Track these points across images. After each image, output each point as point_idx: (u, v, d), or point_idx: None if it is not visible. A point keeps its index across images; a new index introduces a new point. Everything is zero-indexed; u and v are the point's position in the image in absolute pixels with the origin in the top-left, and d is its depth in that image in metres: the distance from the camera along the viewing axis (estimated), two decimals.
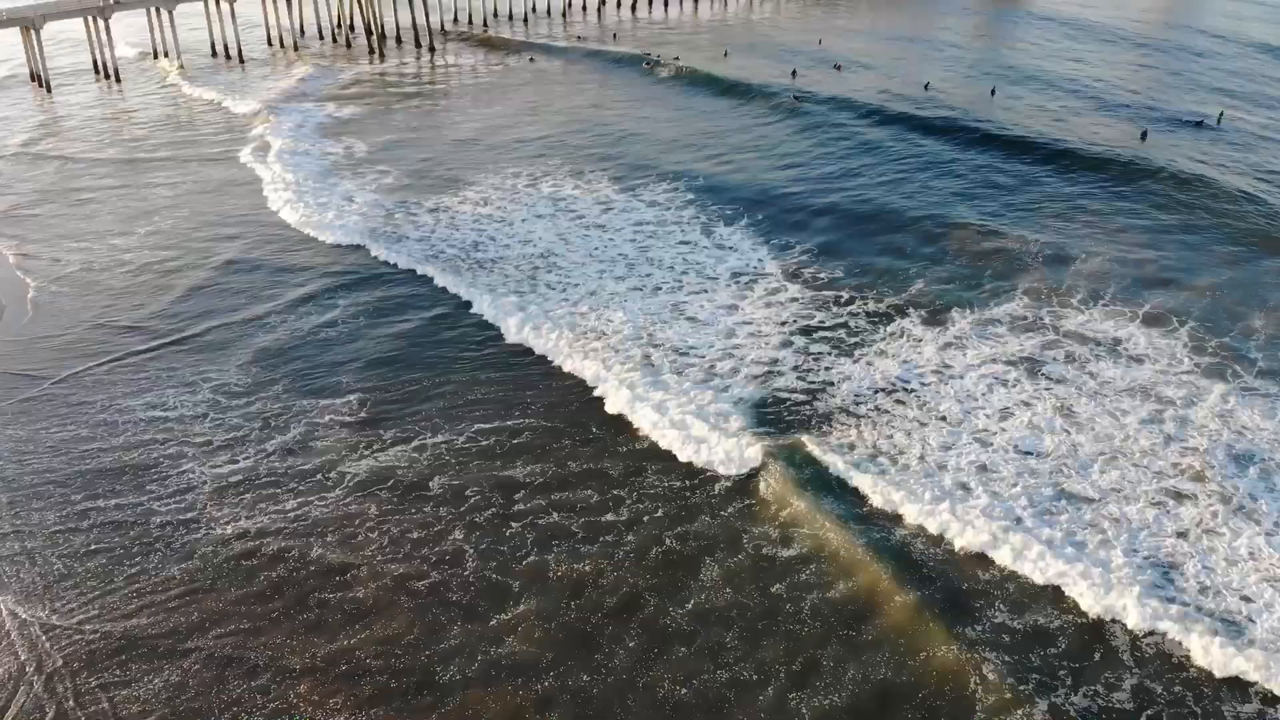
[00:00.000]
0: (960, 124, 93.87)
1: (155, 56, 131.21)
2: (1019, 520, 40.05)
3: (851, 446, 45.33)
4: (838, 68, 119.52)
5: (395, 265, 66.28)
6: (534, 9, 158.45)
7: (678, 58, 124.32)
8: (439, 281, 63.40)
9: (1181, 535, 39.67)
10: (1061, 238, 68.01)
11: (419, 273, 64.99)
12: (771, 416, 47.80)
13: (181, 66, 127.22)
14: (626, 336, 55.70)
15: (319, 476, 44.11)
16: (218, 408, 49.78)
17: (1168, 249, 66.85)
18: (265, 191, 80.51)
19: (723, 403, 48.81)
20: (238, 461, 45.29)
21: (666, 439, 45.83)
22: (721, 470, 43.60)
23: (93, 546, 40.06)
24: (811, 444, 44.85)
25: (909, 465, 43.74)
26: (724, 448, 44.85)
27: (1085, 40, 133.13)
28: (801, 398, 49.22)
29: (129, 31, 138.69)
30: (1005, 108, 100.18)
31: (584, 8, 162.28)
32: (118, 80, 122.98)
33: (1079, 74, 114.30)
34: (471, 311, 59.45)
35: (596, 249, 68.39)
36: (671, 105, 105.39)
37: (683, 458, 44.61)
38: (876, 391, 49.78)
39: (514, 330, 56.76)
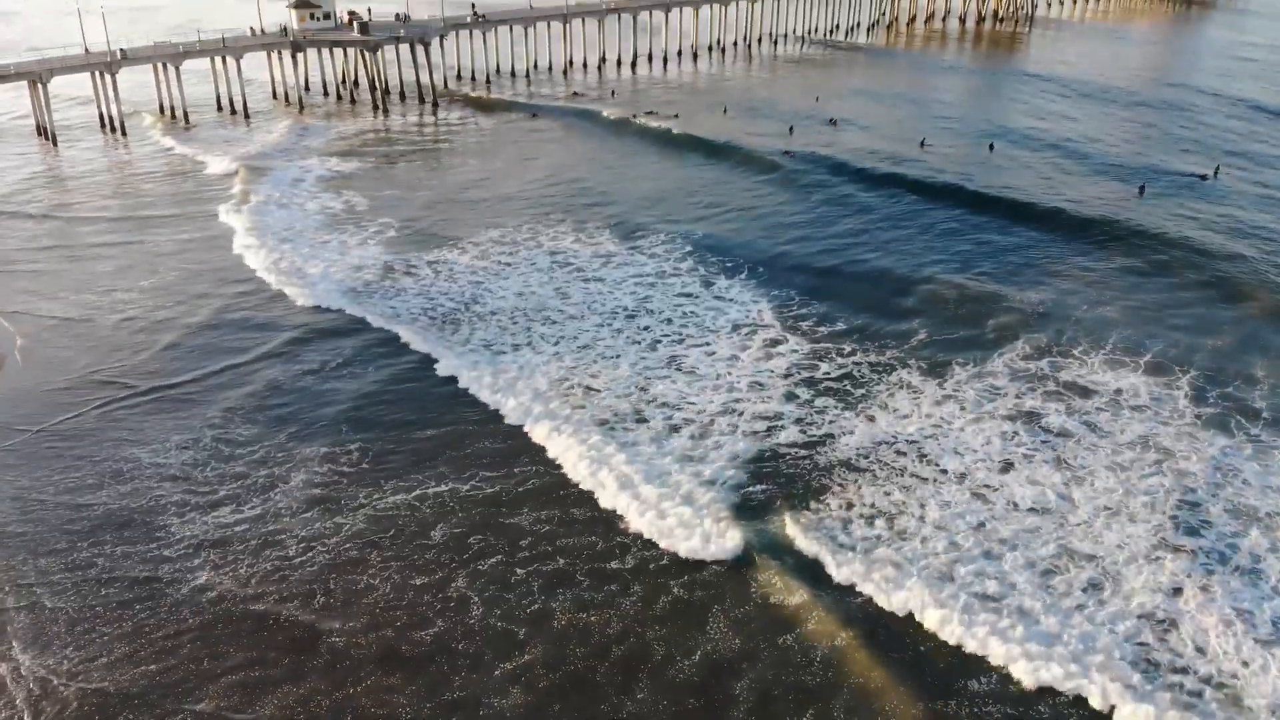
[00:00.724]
0: (956, 184, 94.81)
1: (161, 111, 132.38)
2: (1014, 586, 39.51)
3: (849, 505, 44.99)
4: (833, 123, 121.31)
5: (394, 319, 66.31)
6: (535, 66, 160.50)
7: (677, 115, 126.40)
8: (429, 340, 62.93)
9: (1177, 592, 39.38)
10: (1061, 294, 68.69)
11: (415, 328, 64.86)
12: (769, 470, 47.73)
13: (187, 122, 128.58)
14: (619, 394, 55.48)
15: (320, 525, 44.14)
16: (220, 456, 49.90)
17: (1168, 304, 67.58)
18: (261, 246, 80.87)
19: (712, 467, 47.89)
20: (242, 511, 45.32)
21: (652, 532, 43.34)
22: (711, 562, 41.54)
23: (100, 594, 39.97)
24: (799, 533, 42.90)
25: (906, 528, 43.29)
26: (712, 541, 42.38)
27: (1079, 98, 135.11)
28: (802, 452, 49.18)
29: (136, 87, 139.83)
30: (1002, 165, 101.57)
31: (584, 66, 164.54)
32: (123, 134, 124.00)
33: (1075, 131, 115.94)
34: (462, 373, 58.93)
35: (595, 301, 68.72)
36: (670, 163, 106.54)
37: (666, 546, 42.49)
38: (878, 444, 49.89)
39: (497, 401, 55.30)
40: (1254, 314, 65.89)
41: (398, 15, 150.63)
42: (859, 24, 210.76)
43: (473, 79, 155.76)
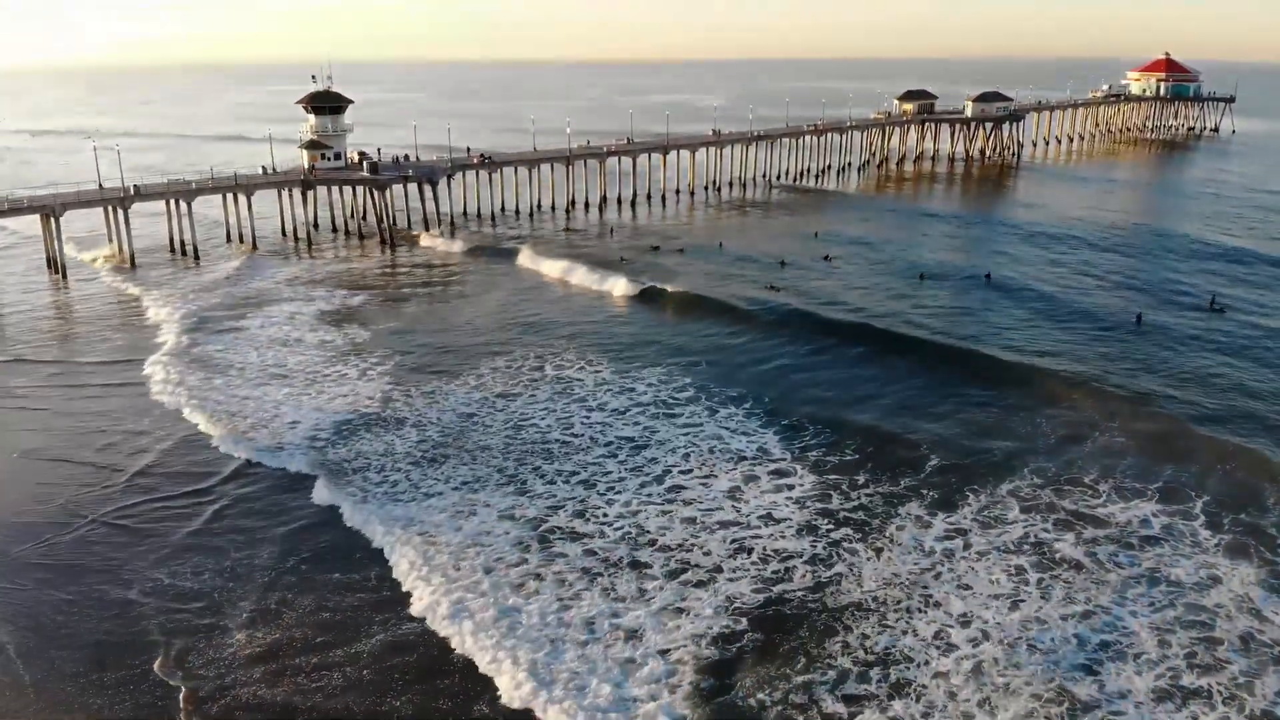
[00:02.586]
0: (958, 321, 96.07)
1: (171, 246, 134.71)
2: None
3: (846, 647, 43.99)
4: (828, 258, 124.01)
5: (384, 455, 65.59)
6: (538, 206, 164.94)
7: (682, 250, 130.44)
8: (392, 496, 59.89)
9: None
10: (1068, 425, 68.97)
11: (405, 465, 64.03)
12: (771, 617, 46.73)
13: (197, 257, 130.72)
14: (614, 540, 53.75)
15: (340, 651, 43.89)
16: (234, 576, 49.96)
17: (1174, 431, 67.64)
18: (255, 381, 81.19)
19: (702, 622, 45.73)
20: (260, 636, 45.01)
21: None
22: None
23: None
24: None
25: (906, 679, 41.67)
26: None
27: (1067, 241, 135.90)
28: (812, 597, 48.13)
29: (147, 222, 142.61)
30: (999, 299, 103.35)
31: (585, 205, 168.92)
32: (132, 267, 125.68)
33: (1067, 270, 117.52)
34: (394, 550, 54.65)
35: (597, 434, 68.55)
36: (670, 302, 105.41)
37: None
38: (884, 584, 49.02)
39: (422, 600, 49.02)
40: (1261, 441, 66.14)
41: (406, 156, 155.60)
42: (850, 164, 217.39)
43: (478, 216, 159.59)
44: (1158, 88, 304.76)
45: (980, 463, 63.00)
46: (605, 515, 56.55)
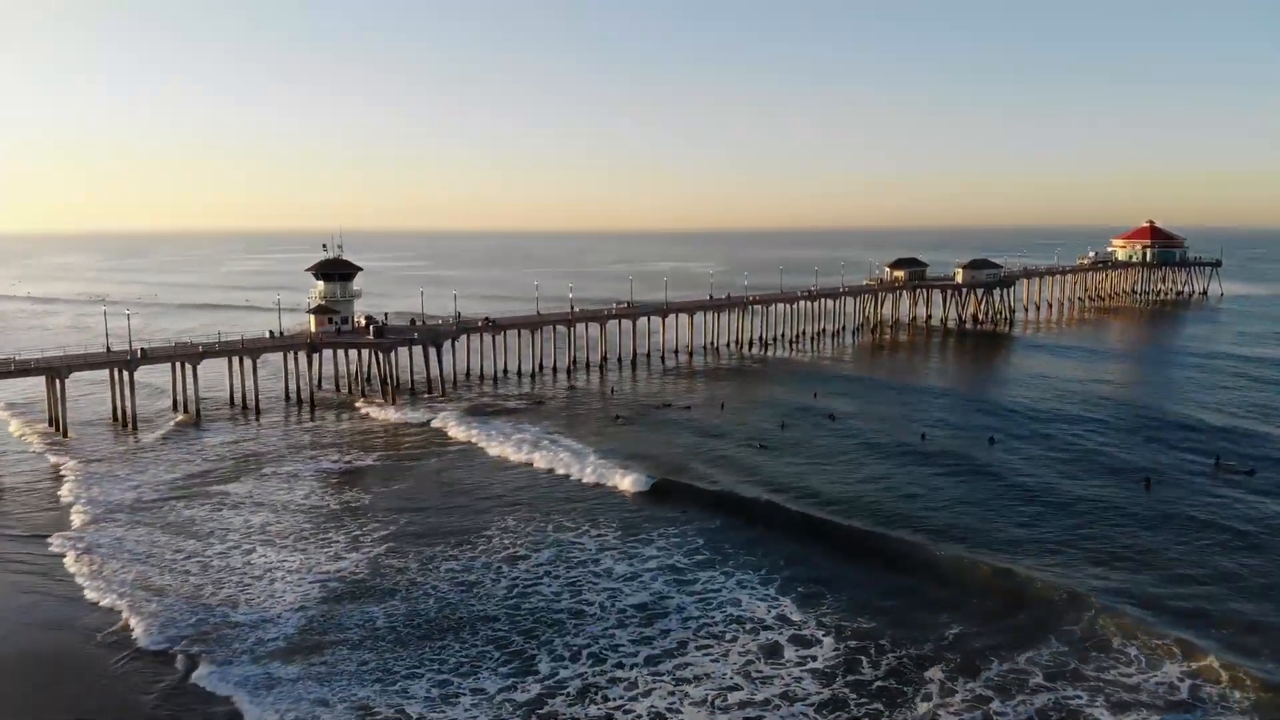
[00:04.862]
0: (967, 529, 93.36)
1: (174, 406, 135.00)
2: None
3: None
4: (831, 418, 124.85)
5: (369, 623, 64.29)
6: (540, 368, 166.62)
7: (689, 406, 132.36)
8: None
9: None
10: (1088, 582, 67.73)
11: (386, 641, 61.99)
12: None
13: (199, 418, 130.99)
14: None
15: None
16: None
17: (1190, 580, 67.58)
18: (243, 544, 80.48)
19: None
20: None
21: None
22: None
23: None
24: None
25: None
26: None
27: (1066, 419, 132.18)
28: None
29: (150, 388, 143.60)
30: (1006, 460, 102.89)
31: (585, 366, 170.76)
32: (135, 430, 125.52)
33: (1072, 443, 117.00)
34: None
35: (607, 602, 66.88)
36: (677, 494, 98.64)
37: None
38: None
39: None
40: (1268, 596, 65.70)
41: (412, 320, 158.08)
42: (844, 329, 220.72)
43: (481, 378, 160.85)
44: (1144, 254, 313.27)
45: (1003, 626, 62.05)
46: (608, 697, 54.21)
